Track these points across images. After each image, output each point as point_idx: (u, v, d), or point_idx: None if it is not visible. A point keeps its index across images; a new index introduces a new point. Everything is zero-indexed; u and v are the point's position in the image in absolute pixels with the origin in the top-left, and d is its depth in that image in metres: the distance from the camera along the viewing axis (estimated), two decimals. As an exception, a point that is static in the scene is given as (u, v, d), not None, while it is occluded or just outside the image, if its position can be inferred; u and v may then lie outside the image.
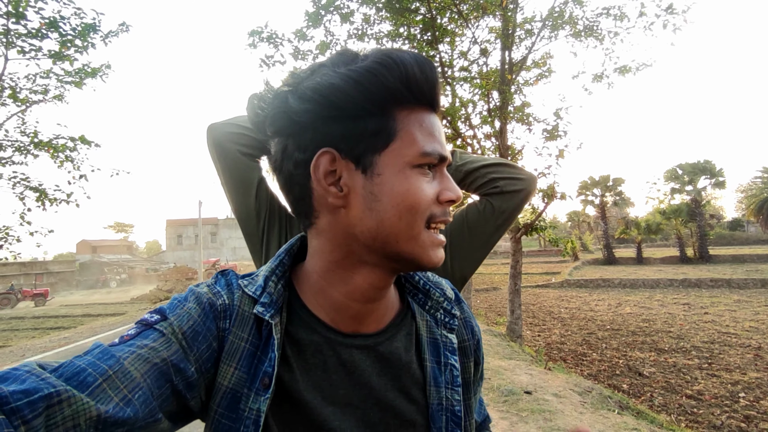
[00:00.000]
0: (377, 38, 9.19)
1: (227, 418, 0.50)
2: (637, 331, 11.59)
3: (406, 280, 0.66)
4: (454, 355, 0.62)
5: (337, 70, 0.51)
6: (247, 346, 0.53)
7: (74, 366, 0.40)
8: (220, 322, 0.52)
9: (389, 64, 0.49)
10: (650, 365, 8.56)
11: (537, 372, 5.63)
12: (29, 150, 9.95)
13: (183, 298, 0.53)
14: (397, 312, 0.63)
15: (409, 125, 0.51)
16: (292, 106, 0.51)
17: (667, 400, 6.68)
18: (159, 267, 43.87)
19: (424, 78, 0.51)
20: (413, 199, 0.50)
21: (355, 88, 0.49)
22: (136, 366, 0.43)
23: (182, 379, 0.47)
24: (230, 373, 0.51)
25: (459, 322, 0.67)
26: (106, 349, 0.44)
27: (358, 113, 0.50)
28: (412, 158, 0.51)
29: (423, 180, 0.51)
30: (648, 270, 26.86)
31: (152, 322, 0.49)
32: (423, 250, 0.52)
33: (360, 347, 0.57)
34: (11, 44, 8.99)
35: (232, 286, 0.56)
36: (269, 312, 0.53)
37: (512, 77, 9.08)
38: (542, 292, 20.77)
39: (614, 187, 34.64)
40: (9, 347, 10.19)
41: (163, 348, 0.46)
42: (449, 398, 0.59)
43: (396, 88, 0.50)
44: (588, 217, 43.04)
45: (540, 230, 9.00)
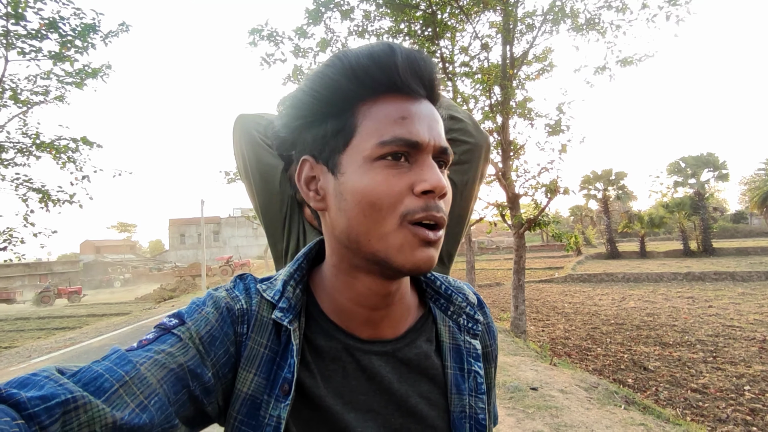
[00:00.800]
0: (378, 35, 9.15)
1: (247, 425, 0.50)
2: (641, 325, 11.57)
3: (427, 284, 0.64)
4: (479, 361, 0.61)
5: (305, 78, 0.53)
6: (266, 352, 0.52)
7: (92, 371, 0.41)
8: (238, 327, 0.52)
9: (333, 62, 0.50)
10: (655, 359, 8.55)
11: (542, 368, 5.62)
12: (31, 151, 9.97)
13: (201, 302, 0.53)
14: (417, 317, 0.62)
15: (369, 118, 0.50)
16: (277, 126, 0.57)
17: (673, 394, 6.67)
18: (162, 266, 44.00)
19: (377, 67, 0.49)
20: (374, 193, 0.48)
21: (309, 94, 0.51)
22: (152, 372, 0.43)
23: (199, 385, 0.47)
24: (249, 379, 0.51)
25: (482, 327, 0.66)
26: (124, 354, 0.44)
27: (319, 117, 0.52)
28: (370, 150, 0.48)
29: (388, 173, 0.48)
30: (651, 264, 26.79)
31: (170, 327, 0.49)
32: (396, 250, 0.48)
33: (379, 353, 0.56)
34: (11, 45, 8.99)
35: (250, 291, 0.56)
36: (288, 317, 0.53)
37: (514, 72, 9.04)
38: (546, 287, 20.75)
39: (617, 181, 34.49)
40: (15, 348, 10.25)
41: (180, 353, 0.46)
42: (473, 406, 0.58)
43: (341, 82, 0.50)
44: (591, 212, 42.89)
45: (543, 225, 8.97)
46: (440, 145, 0.51)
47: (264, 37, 7.83)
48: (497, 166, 9.40)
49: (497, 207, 10.05)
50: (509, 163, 9.34)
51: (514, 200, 9.28)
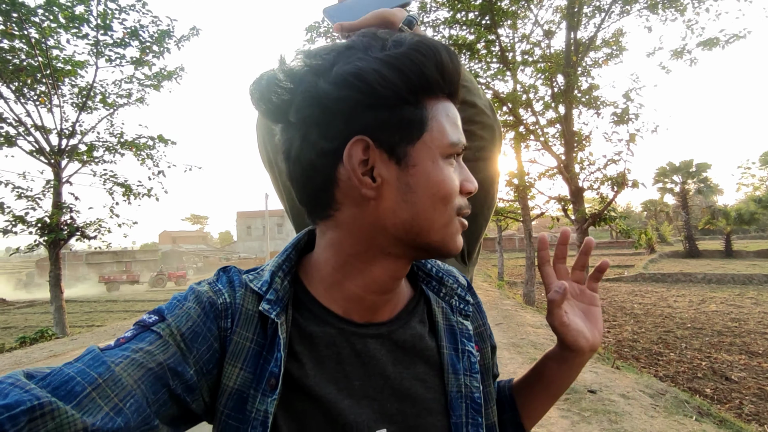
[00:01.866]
0: (434, 25, 9.04)
1: (234, 419, 0.49)
2: (724, 331, 10.52)
3: (419, 267, 0.65)
4: (471, 341, 0.62)
5: (373, 54, 0.48)
6: (252, 346, 0.51)
7: (62, 374, 0.39)
8: (221, 322, 0.51)
9: (427, 51, 0.48)
10: (740, 369, 7.75)
11: (603, 370, 5.30)
12: (117, 149, 11.01)
13: (183, 297, 0.52)
14: (409, 299, 0.62)
15: (438, 115, 0.51)
16: (326, 91, 0.48)
17: (760, 409, 6.01)
18: (230, 256, 46.82)
19: (453, 67, 0.51)
20: (448, 189, 0.51)
21: (398, 75, 0.47)
22: (129, 372, 0.42)
23: (180, 383, 0.46)
24: (235, 374, 0.50)
25: (474, 308, 0.67)
26: (98, 354, 0.42)
27: (396, 102, 0.48)
28: (443, 149, 0.51)
29: (453, 170, 0.52)
30: (739, 264, 24.23)
31: (149, 324, 0.48)
32: (451, 237, 0.53)
33: (374, 336, 0.56)
34: (101, 54, 9.95)
35: (234, 284, 0.55)
36: (275, 310, 0.52)
37: (578, 59, 8.53)
38: (613, 287, 19.49)
39: (698, 173, 31.50)
40: (104, 327, 11.44)
41: (159, 351, 0.45)
42: (468, 385, 0.58)
43: (432, 76, 0.49)
44: (666, 207, 39.57)
45: (609, 221, 8.44)
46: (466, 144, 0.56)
47: (321, 34, 8.02)
48: (559, 158, 8.96)
49: (559, 201, 9.59)
50: (572, 155, 8.86)
51: (578, 194, 8.80)
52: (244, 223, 56.83)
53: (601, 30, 8.90)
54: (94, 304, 20.91)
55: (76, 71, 10.10)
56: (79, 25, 9.31)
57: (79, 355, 0.43)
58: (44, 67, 9.44)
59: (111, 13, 9.32)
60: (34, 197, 9.81)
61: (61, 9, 9.00)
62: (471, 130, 0.93)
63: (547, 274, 0.69)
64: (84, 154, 10.64)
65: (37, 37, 9.16)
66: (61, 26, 9.30)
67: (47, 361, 7.32)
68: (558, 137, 9.57)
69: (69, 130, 10.29)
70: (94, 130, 10.82)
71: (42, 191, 9.97)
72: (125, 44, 9.94)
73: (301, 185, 0.53)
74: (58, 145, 10.21)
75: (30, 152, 9.93)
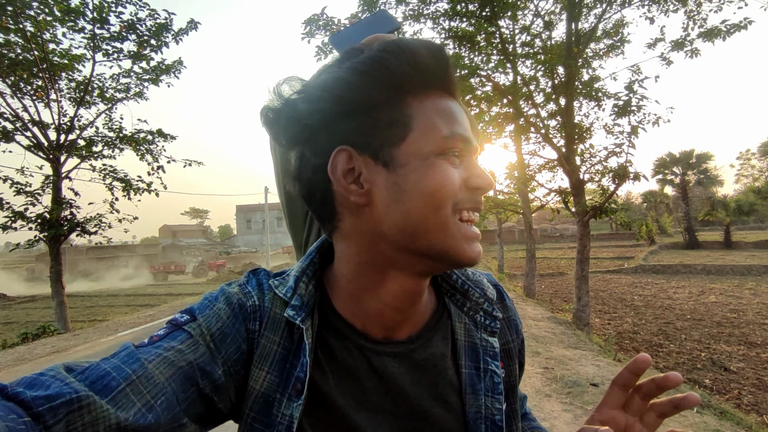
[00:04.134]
0: (434, 17, 8.95)
1: (260, 422, 0.50)
2: (723, 321, 10.57)
3: (443, 279, 0.62)
4: (496, 360, 0.59)
5: (342, 65, 0.49)
6: (278, 350, 0.52)
7: (100, 369, 0.41)
8: (250, 324, 0.52)
9: (394, 49, 0.48)
10: (739, 360, 7.80)
11: (605, 363, 5.33)
12: (116, 144, 10.95)
13: (214, 297, 0.53)
14: (432, 313, 0.60)
15: (426, 111, 0.49)
16: (301, 110, 0.50)
17: (759, 399, 6.06)
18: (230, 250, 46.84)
19: (435, 61, 0.49)
20: (439, 184, 0.48)
21: (361, 78, 0.47)
22: (161, 370, 0.43)
23: (209, 382, 0.47)
24: (262, 377, 0.51)
25: (502, 323, 0.63)
26: (133, 351, 0.44)
27: (369, 105, 0.48)
28: (435, 145, 0.48)
29: (449, 167, 0.49)
30: (738, 255, 24.28)
31: (181, 323, 0.49)
32: (455, 242, 0.49)
33: (392, 355, 0.55)
34: (97, 48, 9.86)
35: (263, 287, 0.55)
36: (300, 316, 0.52)
37: (579, 50, 8.46)
38: (613, 278, 19.55)
39: (698, 164, 31.42)
40: (106, 322, 11.46)
41: (190, 350, 0.46)
42: (489, 407, 0.56)
43: (404, 72, 0.48)
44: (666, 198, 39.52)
45: (610, 213, 8.42)
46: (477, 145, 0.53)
47: (320, 27, 7.94)
48: (560, 150, 8.92)
49: (560, 193, 9.57)
50: (573, 147, 8.82)
51: (579, 186, 8.78)
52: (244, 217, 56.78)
53: (602, 21, 8.83)
54: (96, 299, 20.95)
55: (73, 65, 10.00)
56: (75, 18, 9.21)
57: (115, 351, 0.45)
58: (41, 61, 9.36)
59: (107, 6, 9.21)
60: (33, 193, 9.77)
61: (57, 2, 8.90)
62: None
63: (611, 402, 0.52)
64: (83, 149, 10.58)
65: (32, 31, 9.06)
66: (57, 20, 9.19)
67: (50, 357, 7.34)
68: (559, 129, 9.53)
69: (67, 125, 10.22)
70: (92, 125, 10.76)
71: (41, 187, 9.93)
72: (122, 38, 9.84)
73: (307, 202, 0.55)
74: (57, 141, 10.15)
75: (28, 147, 9.87)
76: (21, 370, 6.65)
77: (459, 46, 8.95)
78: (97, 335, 9.08)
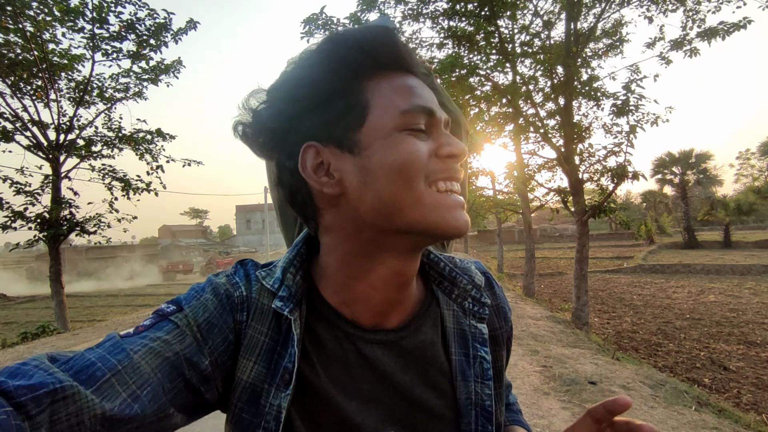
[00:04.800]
0: (433, 17, 8.95)
1: (248, 413, 0.50)
2: (722, 321, 10.58)
3: (431, 267, 0.62)
4: (485, 346, 0.59)
5: (294, 64, 0.51)
6: (266, 341, 0.52)
7: (84, 359, 0.40)
8: (237, 315, 0.52)
9: (339, 39, 0.49)
10: (738, 359, 7.81)
11: (603, 362, 5.33)
12: (115, 144, 10.95)
13: (201, 288, 0.53)
14: (421, 301, 0.60)
15: (381, 91, 0.50)
16: (265, 117, 0.52)
17: (758, 398, 6.07)
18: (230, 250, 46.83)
19: (380, 40, 0.50)
20: (404, 158, 0.48)
21: (311, 73, 0.49)
22: (147, 360, 0.42)
23: (196, 373, 0.46)
24: (249, 367, 0.50)
25: (491, 310, 0.63)
26: (118, 342, 0.43)
27: (323, 98, 0.50)
28: (394, 122, 0.48)
29: (415, 139, 0.49)
30: (738, 255, 24.28)
31: (168, 313, 0.49)
32: (435, 213, 0.48)
33: (382, 343, 0.55)
34: (97, 48, 9.85)
35: (250, 277, 0.55)
36: (288, 307, 0.52)
37: (578, 50, 8.46)
38: (612, 278, 19.55)
39: (697, 163, 31.39)
40: (105, 321, 11.46)
41: (176, 341, 0.46)
42: (479, 392, 0.56)
43: (352, 58, 0.49)
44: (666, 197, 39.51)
45: (609, 212, 8.43)
46: (446, 117, 0.52)
47: (319, 26, 7.94)
48: (559, 150, 8.93)
49: (559, 193, 9.58)
50: (572, 147, 8.83)
51: (578, 186, 8.78)
52: (244, 217, 56.81)
53: (601, 20, 8.83)
54: (95, 299, 20.95)
55: (73, 65, 10.00)
56: (74, 18, 9.20)
57: (101, 341, 0.44)
58: (40, 61, 9.35)
59: (107, 6, 9.21)
60: (32, 193, 9.76)
61: (56, 2, 8.90)
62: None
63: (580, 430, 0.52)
64: (82, 149, 10.57)
65: (32, 31, 9.06)
66: (56, 19, 9.19)
67: (49, 356, 7.34)
68: (558, 129, 9.53)
69: (66, 125, 10.21)
70: (92, 125, 10.76)
71: (41, 186, 9.92)
72: (122, 38, 9.84)
73: (291, 205, 0.56)
74: (56, 140, 10.14)
75: (27, 147, 9.86)
76: (20, 370, 6.64)
77: (458, 45, 8.95)
78: (96, 335, 9.07)
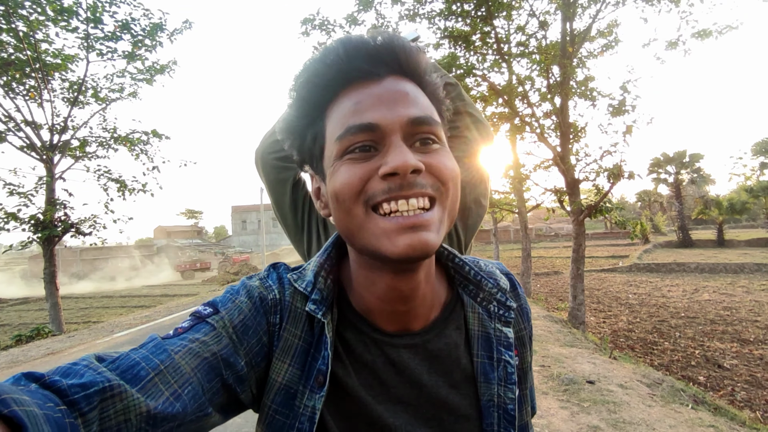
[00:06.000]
0: (429, 17, 8.96)
1: (282, 414, 0.51)
2: (716, 319, 10.67)
3: (456, 270, 0.62)
4: (510, 350, 0.59)
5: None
6: (300, 343, 0.53)
7: (129, 359, 0.42)
8: (271, 317, 0.53)
9: (297, 76, 0.51)
10: (732, 357, 7.87)
11: (601, 361, 5.36)
12: (110, 144, 10.88)
13: (235, 290, 0.54)
14: (445, 304, 0.61)
15: (330, 118, 0.51)
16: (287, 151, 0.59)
17: (752, 395, 6.12)
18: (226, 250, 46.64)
19: (326, 66, 0.49)
20: (337, 188, 0.48)
21: (288, 111, 0.54)
22: (187, 360, 0.44)
23: (232, 373, 0.48)
24: (284, 369, 0.52)
25: (515, 312, 0.63)
26: (160, 342, 0.45)
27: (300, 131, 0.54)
28: (335, 149, 0.49)
29: (351, 165, 0.48)
30: (731, 253, 24.49)
31: (205, 315, 0.50)
32: (377, 239, 0.47)
33: (407, 346, 0.56)
34: (91, 48, 9.78)
35: (283, 281, 0.57)
36: (321, 310, 0.53)
37: (574, 50, 8.50)
38: (608, 277, 19.66)
39: (691, 163, 31.68)
40: (101, 323, 11.38)
41: (213, 342, 0.48)
42: (501, 395, 0.57)
43: (306, 93, 0.51)
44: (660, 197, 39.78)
45: (605, 212, 8.47)
46: (409, 116, 0.47)
47: (316, 27, 7.93)
48: (555, 150, 8.96)
49: (555, 193, 9.62)
50: (568, 147, 8.87)
51: (574, 186, 8.82)
52: (239, 218, 56.56)
53: (597, 21, 8.87)
54: (90, 300, 20.79)
55: (67, 65, 9.92)
56: (68, 18, 9.13)
57: (143, 342, 0.46)
58: (33, 61, 9.27)
59: (101, 5, 9.15)
60: (26, 194, 9.68)
61: (50, 2, 8.82)
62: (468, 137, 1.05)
63: None
64: (77, 149, 10.50)
65: (25, 31, 8.98)
66: (49, 19, 9.11)
67: (45, 359, 7.29)
68: (554, 129, 9.57)
69: (61, 126, 10.13)
70: (86, 125, 10.68)
71: (34, 187, 9.84)
72: (116, 38, 9.77)
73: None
74: (50, 141, 10.06)
75: (21, 148, 9.78)
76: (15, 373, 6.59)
77: (454, 45, 8.97)
78: (92, 337, 9.01)
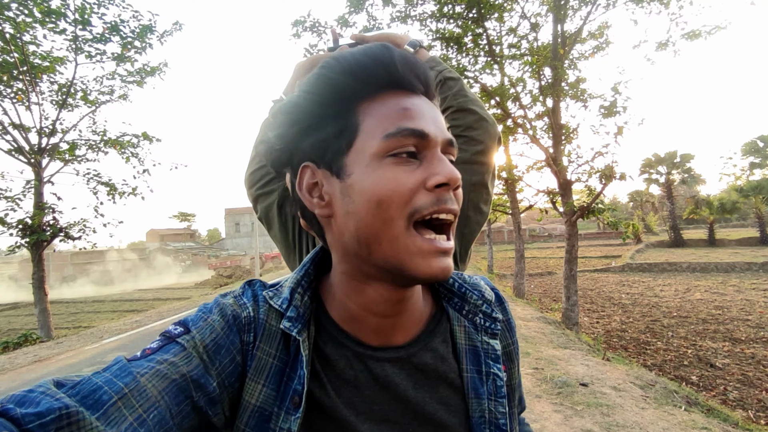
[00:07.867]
0: (421, 19, 8.97)
1: None
2: (708, 318, 10.75)
3: (439, 283, 0.61)
4: (498, 363, 0.58)
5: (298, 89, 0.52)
6: (275, 363, 0.51)
7: (91, 384, 0.40)
8: (245, 336, 0.51)
9: (331, 64, 0.50)
10: (724, 356, 7.92)
11: (594, 362, 5.36)
12: (100, 147, 10.77)
13: (208, 309, 0.52)
14: (430, 317, 0.59)
15: (371, 114, 0.49)
16: (271, 138, 0.55)
17: (744, 395, 6.15)
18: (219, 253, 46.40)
19: (376, 63, 0.49)
20: (384, 189, 0.46)
21: (306, 98, 0.50)
22: (153, 383, 0.42)
23: (203, 395, 0.45)
24: (258, 390, 0.49)
25: (502, 325, 0.62)
26: (125, 365, 0.43)
27: (318, 121, 0.51)
28: (378, 146, 0.47)
29: (398, 168, 0.46)
30: (722, 252, 24.74)
31: (175, 335, 0.48)
32: (409, 257, 0.46)
33: (392, 360, 0.54)
34: (80, 50, 9.68)
35: (258, 298, 0.54)
36: (296, 327, 0.51)
37: (565, 51, 8.54)
38: (601, 277, 19.77)
39: (682, 163, 32.02)
40: (91, 329, 11.23)
41: (183, 363, 0.45)
42: (492, 411, 0.55)
43: (344, 83, 0.49)
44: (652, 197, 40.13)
45: (597, 213, 8.51)
46: (447, 137, 0.50)
47: (307, 29, 7.90)
48: (548, 151, 9.00)
49: (548, 194, 9.65)
50: (560, 148, 8.90)
51: (566, 187, 8.85)
52: (233, 220, 56.27)
53: (588, 23, 8.92)
54: (81, 305, 20.55)
55: (55, 68, 9.80)
56: (55, 20, 9.02)
57: (107, 364, 0.44)
58: (21, 63, 9.15)
59: (89, 7, 9.05)
60: (13, 198, 9.54)
61: (37, 3, 8.71)
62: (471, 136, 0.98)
63: None
64: (66, 152, 10.37)
65: (12, 33, 8.86)
66: (37, 21, 8.99)
67: (32, 367, 7.17)
68: (546, 130, 9.61)
69: (49, 129, 10.01)
70: (75, 128, 10.58)
71: (22, 191, 9.70)
72: (105, 40, 9.67)
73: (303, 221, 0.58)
74: (39, 144, 9.93)
75: (8, 151, 9.64)
76: (1, 381, 6.48)
77: (446, 47, 8.98)
78: (81, 343, 8.89)
